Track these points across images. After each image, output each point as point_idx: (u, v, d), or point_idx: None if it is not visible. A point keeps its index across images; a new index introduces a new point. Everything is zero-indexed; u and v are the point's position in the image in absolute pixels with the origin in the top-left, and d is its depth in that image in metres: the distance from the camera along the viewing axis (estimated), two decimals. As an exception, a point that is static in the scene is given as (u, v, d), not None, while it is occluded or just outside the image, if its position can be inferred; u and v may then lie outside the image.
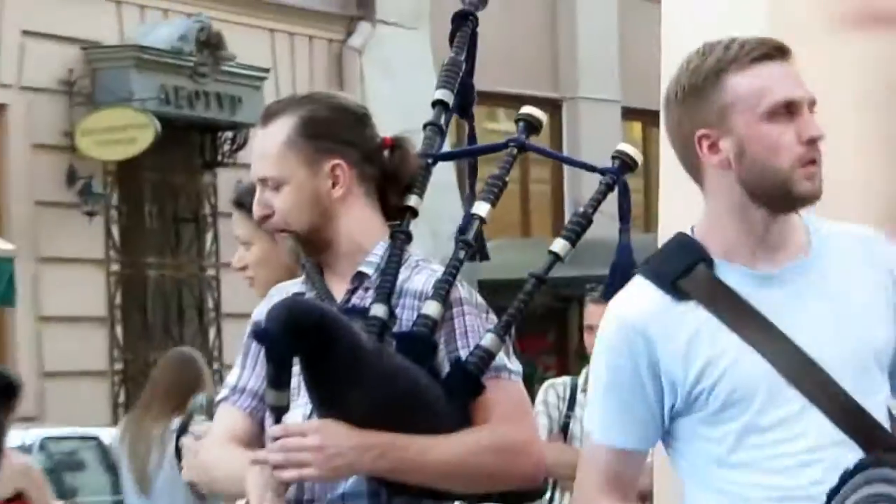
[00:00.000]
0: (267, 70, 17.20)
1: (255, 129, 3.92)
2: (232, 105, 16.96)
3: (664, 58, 4.54)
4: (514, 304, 3.74)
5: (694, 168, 3.37)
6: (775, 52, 3.33)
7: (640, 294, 3.38)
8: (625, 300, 3.43)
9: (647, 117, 14.92)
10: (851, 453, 3.17)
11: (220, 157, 17.57)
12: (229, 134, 17.30)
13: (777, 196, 3.30)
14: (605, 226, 4.27)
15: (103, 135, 15.99)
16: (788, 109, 3.25)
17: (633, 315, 3.36)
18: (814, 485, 3.17)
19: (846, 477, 3.12)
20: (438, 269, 3.68)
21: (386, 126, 3.90)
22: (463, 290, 3.69)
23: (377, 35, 19.19)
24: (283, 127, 3.67)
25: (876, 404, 3.31)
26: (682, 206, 4.24)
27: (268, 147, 3.70)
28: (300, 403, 3.55)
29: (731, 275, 3.32)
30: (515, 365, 3.63)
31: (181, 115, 16.67)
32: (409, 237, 3.73)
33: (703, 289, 3.38)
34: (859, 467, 3.16)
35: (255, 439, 3.67)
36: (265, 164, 3.70)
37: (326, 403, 3.51)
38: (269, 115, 3.76)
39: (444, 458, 3.50)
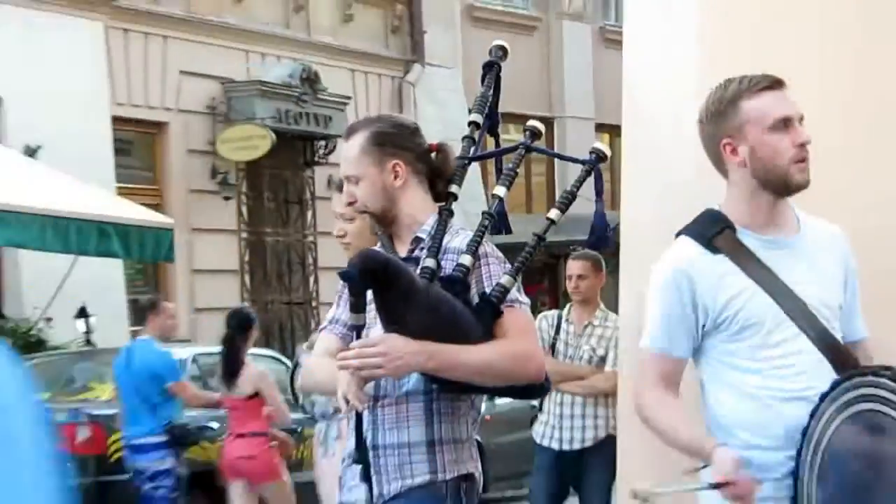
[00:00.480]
0: (349, 98, 17.17)
1: (342, 141, 4.02)
2: (325, 122, 16.92)
3: (625, 87, 4.76)
4: (522, 255, 3.79)
5: (720, 165, 3.60)
6: (774, 83, 3.53)
7: (685, 248, 3.58)
8: (674, 253, 3.64)
9: (614, 130, 14.99)
10: (826, 369, 3.39)
11: (316, 159, 17.49)
12: (322, 143, 17.22)
13: (779, 185, 3.51)
14: (583, 206, 4.27)
15: (235, 143, 16.04)
16: (785, 123, 3.46)
17: (680, 263, 3.56)
18: (805, 389, 3.39)
19: (836, 384, 3.32)
20: (471, 234, 3.75)
21: (430, 137, 3.96)
22: (488, 246, 3.75)
23: (425, 73, 19.19)
24: (360, 139, 3.76)
25: (840, 337, 3.50)
26: (637, 193, 4.84)
27: (349, 153, 3.81)
28: (377, 330, 3.63)
29: (747, 239, 3.51)
30: (524, 298, 3.74)
31: (289, 129, 16.63)
32: (451, 213, 3.79)
33: (729, 246, 3.52)
34: (848, 377, 3.34)
35: None
36: (348, 165, 3.81)
37: (391, 323, 3.58)
38: (350, 131, 3.88)
39: (474, 361, 3.59)
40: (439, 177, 3.99)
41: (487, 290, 3.75)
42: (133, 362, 9.64)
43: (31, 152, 13.09)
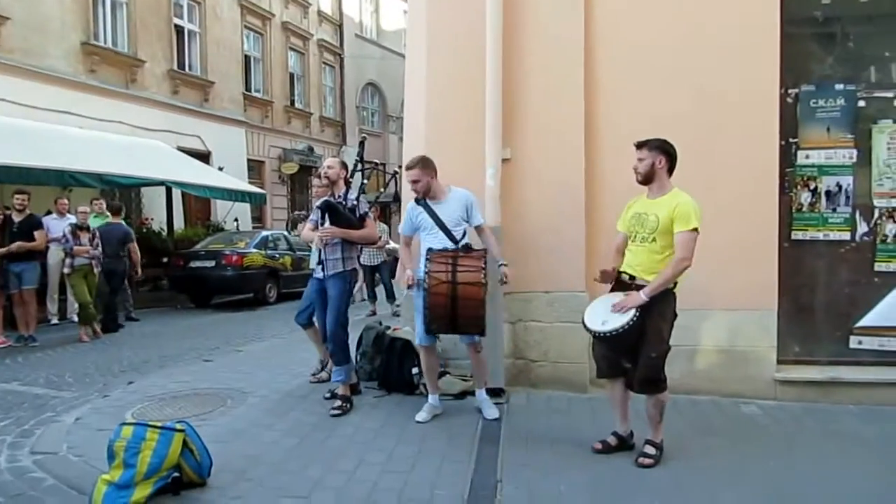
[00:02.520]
0: (321, 155, 15.90)
1: (326, 163, 3.59)
2: (316, 162, 15.94)
3: (403, 154, 4.12)
4: (372, 202, 3.56)
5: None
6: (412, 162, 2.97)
7: (413, 202, 3.15)
8: (410, 203, 3.16)
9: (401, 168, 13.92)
10: (448, 242, 3.03)
11: (312, 175, 15.48)
12: (315, 169, 15.72)
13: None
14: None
15: (287, 168, 14.98)
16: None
17: (412, 206, 3.15)
18: (440, 250, 3.00)
19: (431, 249, 2.84)
20: (356, 194, 3.51)
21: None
22: (362, 198, 3.48)
23: (346, 148, 17.70)
24: (337, 160, 3.53)
25: (459, 233, 3.06)
26: (407, 189, 3.75)
27: (333, 164, 3.52)
28: (328, 224, 3.41)
29: (430, 202, 3.11)
30: (372, 215, 3.56)
31: (303, 164, 15.71)
32: (349, 188, 3.52)
33: (422, 204, 3.11)
34: (441, 248, 2.95)
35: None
36: (331, 169, 3.46)
37: (332, 223, 3.39)
38: (334, 159, 3.56)
39: (359, 235, 3.41)
40: (349, 179, 3.69)
41: (361, 213, 3.58)
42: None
43: (220, 168, 12.25)
